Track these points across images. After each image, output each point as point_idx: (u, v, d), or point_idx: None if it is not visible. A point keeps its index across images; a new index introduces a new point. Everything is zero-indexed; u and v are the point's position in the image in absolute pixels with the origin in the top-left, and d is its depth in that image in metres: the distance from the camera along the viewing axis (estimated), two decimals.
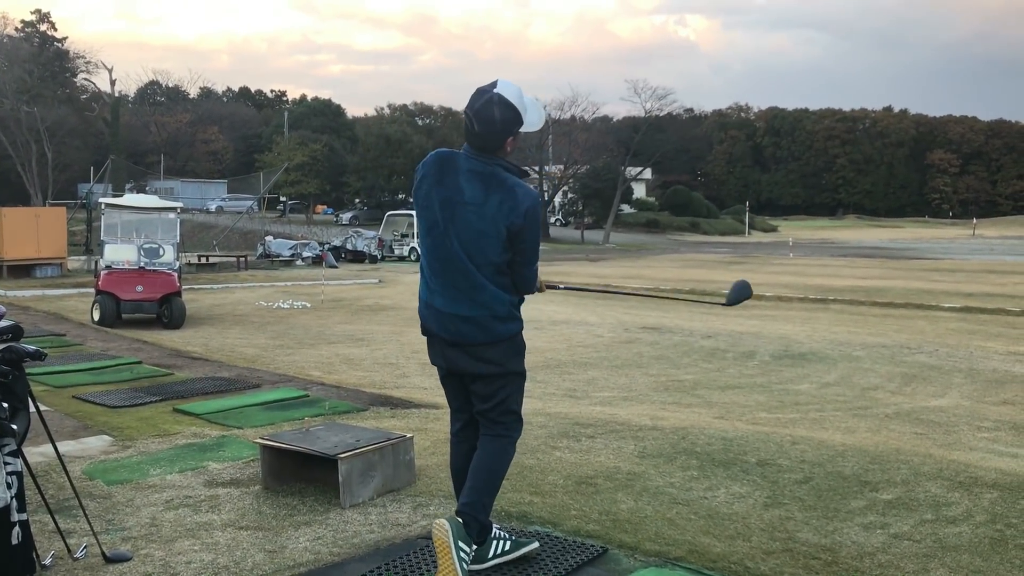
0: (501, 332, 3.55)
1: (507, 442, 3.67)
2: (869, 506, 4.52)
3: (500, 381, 3.60)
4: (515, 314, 3.62)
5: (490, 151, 3.51)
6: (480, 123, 3.45)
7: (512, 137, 3.52)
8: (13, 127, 52.59)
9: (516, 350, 3.64)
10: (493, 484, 3.64)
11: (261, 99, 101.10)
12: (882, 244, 56.44)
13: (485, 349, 3.56)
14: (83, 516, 4.45)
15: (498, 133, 3.46)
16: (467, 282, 3.52)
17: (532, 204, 3.50)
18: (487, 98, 3.45)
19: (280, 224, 48.65)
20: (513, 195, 3.47)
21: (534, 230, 3.54)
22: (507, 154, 3.56)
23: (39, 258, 23.94)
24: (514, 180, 3.52)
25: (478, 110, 3.45)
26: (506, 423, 3.65)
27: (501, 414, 3.63)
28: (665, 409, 7.77)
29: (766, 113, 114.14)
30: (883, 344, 12.72)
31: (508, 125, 3.46)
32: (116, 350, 10.69)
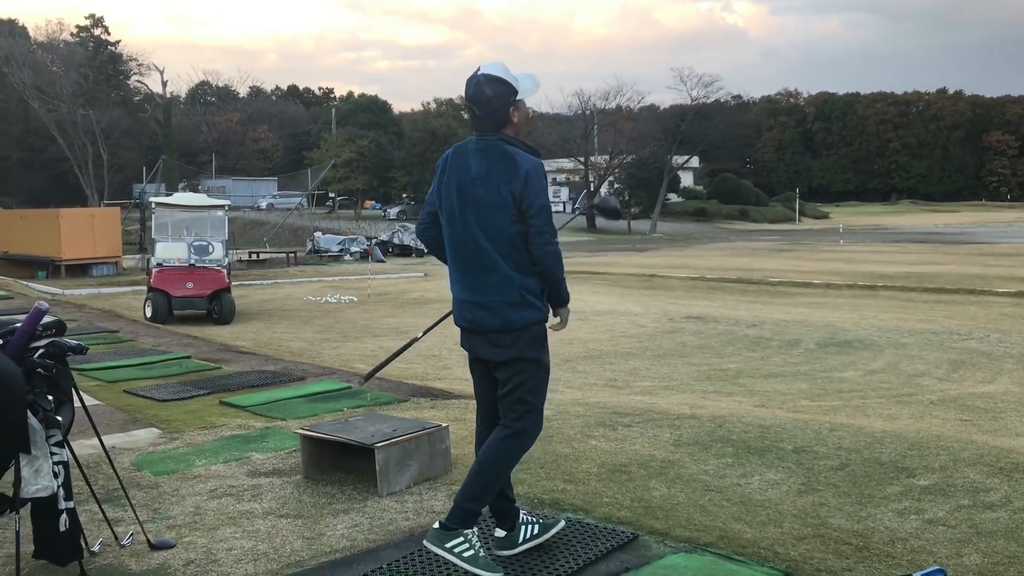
0: (513, 320, 3.55)
1: (511, 437, 3.62)
2: (904, 492, 4.49)
3: (516, 366, 3.61)
4: (529, 300, 3.57)
5: (496, 129, 3.58)
6: (478, 105, 3.56)
7: (512, 107, 3.58)
8: (70, 130, 53.87)
9: (532, 340, 3.60)
10: (484, 477, 3.62)
11: (309, 97, 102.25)
12: (936, 229, 55.29)
13: (500, 336, 3.59)
14: (133, 504, 4.61)
15: (496, 108, 3.54)
16: (479, 263, 3.57)
17: (532, 168, 3.53)
18: (474, 81, 3.57)
19: (329, 220, 49.17)
20: (513, 161, 3.53)
21: (537, 194, 3.53)
22: (516, 127, 3.63)
23: (95, 257, 24.53)
24: (514, 150, 3.57)
25: (472, 96, 3.57)
26: (517, 412, 3.62)
27: (513, 402, 3.63)
28: (705, 398, 7.76)
29: (816, 98, 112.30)
30: (932, 330, 12.51)
31: (502, 98, 3.54)
32: (167, 345, 10.95)
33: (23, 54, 56.96)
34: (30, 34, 67.48)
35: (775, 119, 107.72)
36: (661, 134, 62.04)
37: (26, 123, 59.09)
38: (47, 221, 24.64)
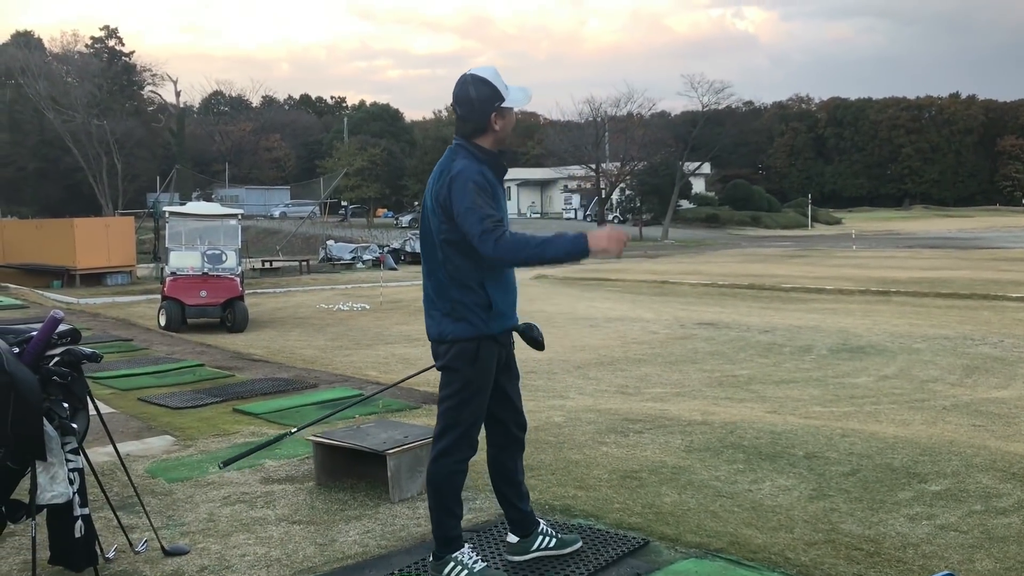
0: (445, 331, 3.47)
1: (433, 462, 3.56)
2: (916, 497, 4.49)
3: (444, 376, 3.54)
4: (462, 313, 3.44)
5: (473, 133, 3.48)
6: (460, 105, 3.48)
7: (495, 113, 3.46)
8: (85, 140, 54.29)
9: (461, 354, 3.45)
10: (431, 502, 3.59)
11: (321, 106, 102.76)
12: (950, 234, 55.02)
13: (436, 345, 3.54)
14: (144, 513, 4.65)
15: (477, 111, 3.44)
16: (426, 268, 3.54)
17: (457, 172, 3.38)
18: (461, 81, 3.49)
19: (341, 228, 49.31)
20: (448, 166, 3.44)
21: (459, 198, 3.33)
22: (497, 136, 3.50)
23: (109, 267, 24.74)
24: (462, 155, 3.45)
25: (456, 95, 3.49)
26: (438, 428, 3.58)
27: (438, 416, 3.60)
28: (717, 404, 7.76)
29: (828, 104, 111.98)
30: (945, 336, 12.46)
31: (485, 102, 3.43)
32: (180, 353, 11.02)
33: (39, 65, 57.46)
34: (45, 46, 68.08)
35: (787, 125, 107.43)
36: (672, 140, 61.99)
37: (41, 134, 59.61)
38: (62, 231, 24.87)
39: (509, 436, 3.75)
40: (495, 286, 3.50)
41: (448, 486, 3.56)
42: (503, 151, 3.56)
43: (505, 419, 3.72)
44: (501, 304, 3.51)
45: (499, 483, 3.80)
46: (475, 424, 3.57)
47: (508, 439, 3.75)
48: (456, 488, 3.58)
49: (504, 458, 3.78)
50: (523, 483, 3.83)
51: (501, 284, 3.54)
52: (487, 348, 3.48)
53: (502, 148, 3.55)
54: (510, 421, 3.74)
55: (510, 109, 3.51)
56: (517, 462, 3.80)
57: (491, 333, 3.48)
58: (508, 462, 3.78)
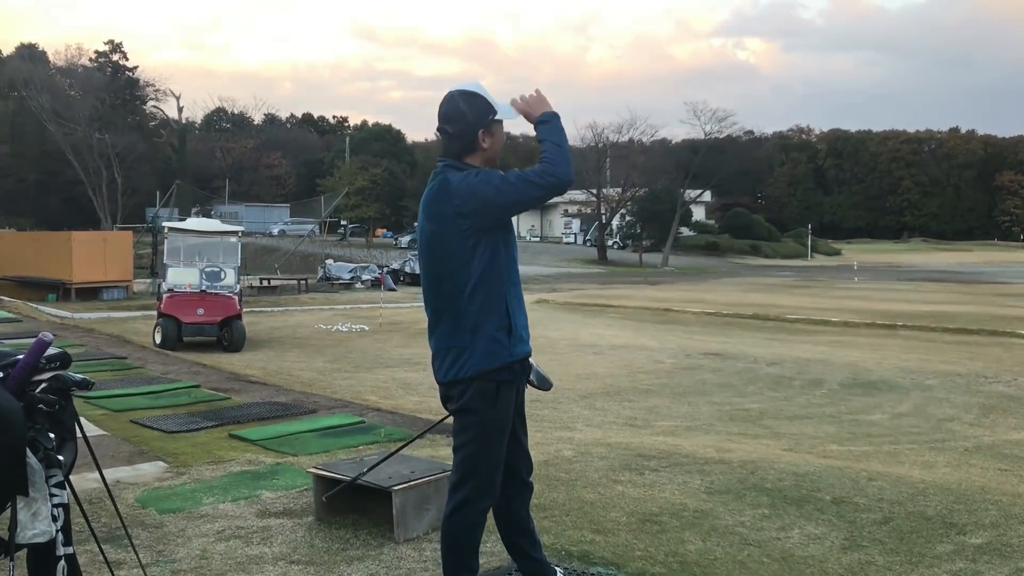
0: (464, 369, 3.21)
1: (454, 504, 3.30)
2: (957, 551, 4.21)
3: (460, 420, 3.29)
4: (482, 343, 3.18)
5: (460, 154, 3.26)
6: (451, 123, 3.25)
7: (483, 130, 3.24)
8: (85, 153, 54.15)
9: (481, 396, 3.19)
10: (444, 557, 3.35)
11: (323, 125, 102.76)
12: (950, 268, 54.91)
13: (450, 387, 3.27)
14: (136, 545, 4.36)
15: (471, 124, 3.22)
16: (436, 304, 3.30)
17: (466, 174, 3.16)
18: (448, 98, 3.28)
19: (340, 247, 49.14)
20: (445, 185, 3.20)
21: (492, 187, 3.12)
22: (486, 155, 3.27)
23: (106, 281, 24.45)
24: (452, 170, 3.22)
25: (445, 113, 3.28)
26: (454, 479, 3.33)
27: (456, 464, 3.33)
28: (731, 440, 7.48)
29: (828, 135, 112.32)
30: (957, 372, 12.21)
31: (479, 115, 3.23)
32: (175, 373, 10.73)
33: (42, 78, 57.44)
34: (50, 58, 68.08)
35: (787, 155, 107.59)
36: (673, 167, 61.99)
37: (43, 146, 59.41)
38: (59, 244, 24.61)
39: (519, 482, 3.47)
40: (516, 307, 3.29)
41: (467, 540, 3.29)
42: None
43: (516, 464, 3.44)
44: (520, 327, 3.29)
45: (510, 534, 3.52)
46: (496, 470, 3.30)
47: (519, 485, 3.47)
48: (475, 541, 3.32)
49: (516, 507, 3.49)
50: (535, 530, 3.56)
51: (519, 305, 3.33)
52: (506, 387, 3.24)
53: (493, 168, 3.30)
54: (521, 466, 3.47)
55: (499, 126, 3.31)
56: (528, 509, 3.54)
57: (514, 360, 3.22)
58: (520, 509, 3.50)
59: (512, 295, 3.26)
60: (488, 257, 3.16)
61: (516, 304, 3.29)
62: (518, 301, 3.31)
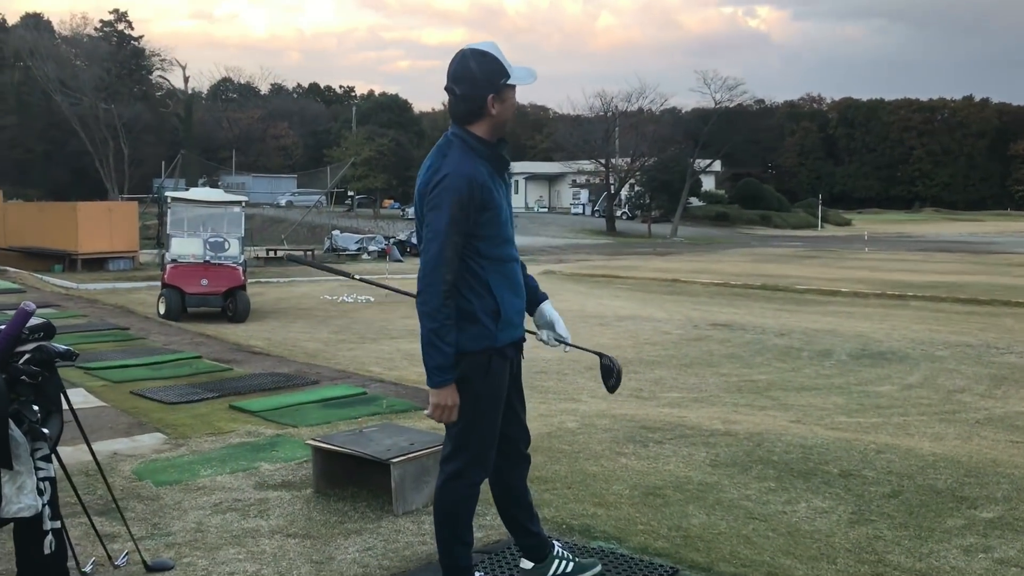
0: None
1: (440, 488, 3.21)
2: (968, 525, 4.11)
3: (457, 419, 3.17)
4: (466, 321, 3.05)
5: (466, 119, 3.08)
6: (459, 83, 3.05)
7: (492, 95, 3.03)
8: (92, 124, 54.07)
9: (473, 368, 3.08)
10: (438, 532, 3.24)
11: (330, 95, 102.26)
12: (961, 238, 54.48)
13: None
14: (131, 517, 4.30)
15: (481, 87, 3.01)
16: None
17: (446, 174, 2.97)
18: (459, 56, 3.08)
19: (347, 218, 48.96)
20: (439, 163, 3.04)
21: (434, 206, 2.97)
22: (495, 121, 3.07)
23: (112, 252, 24.40)
24: (456, 149, 3.05)
25: (454, 72, 3.07)
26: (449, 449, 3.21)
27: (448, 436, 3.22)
28: (737, 412, 7.38)
29: (839, 104, 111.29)
30: (968, 343, 12.06)
31: (491, 75, 3.02)
32: (178, 344, 10.67)
33: (47, 48, 57.27)
34: (55, 28, 67.83)
35: (798, 124, 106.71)
36: (683, 137, 61.45)
37: (49, 116, 59.35)
38: (64, 214, 24.55)
39: (517, 454, 3.38)
40: (503, 288, 3.12)
41: (460, 513, 3.20)
42: (503, 141, 3.15)
43: (513, 436, 3.35)
44: (510, 310, 3.13)
45: (508, 506, 3.43)
46: (489, 444, 3.20)
47: (517, 457, 3.38)
48: (468, 514, 3.22)
49: (512, 479, 3.40)
50: (532, 503, 3.47)
51: (510, 286, 3.15)
52: (499, 360, 3.13)
53: (501, 138, 3.13)
54: (518, 438, 3.37)
55: (511, 92, 3.10)
56: (525, 482, 3.45)
57: (497, 346, 3.09)
58: (517, 482, 3.41)
59: (495, 274, 3.10)
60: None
61: (502, 283, 3.11)
62: (504, 279, 3.13)
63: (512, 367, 3.25)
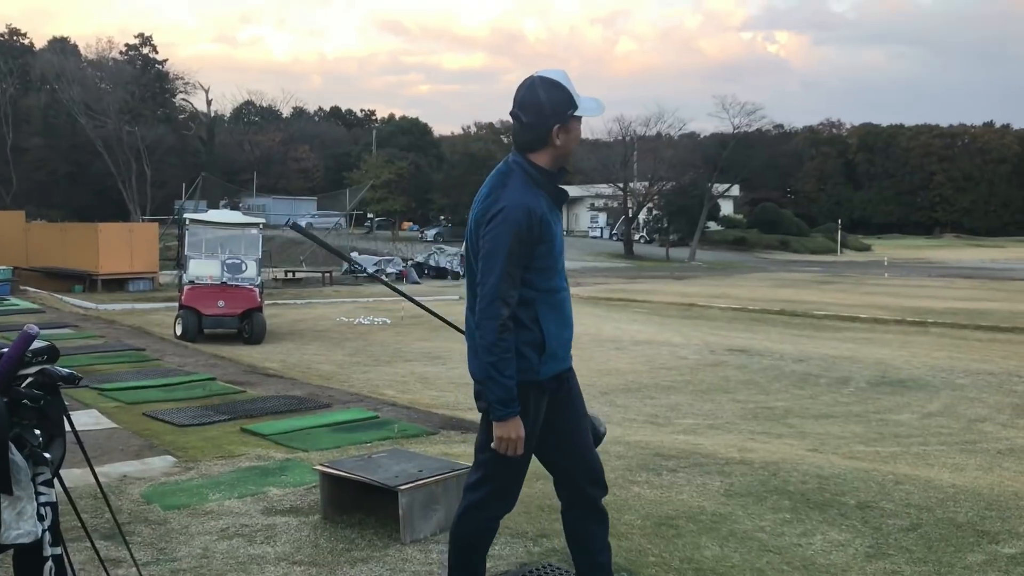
0: (473, 370, 3.08)
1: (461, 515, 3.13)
2: (989, 561, 4.00)
3: (484, 420, 3.09)
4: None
5: (533, 147, 3.02)
6: (525, 111, 2.99)
7: (558, 126, 2.97)
8: (115, 146, 54.61)
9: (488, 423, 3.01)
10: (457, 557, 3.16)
11: (351, 118, 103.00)
12: (983, 264, 54.00)
13: (480, 384, 3.05)
14: (137, 542, 4.27)
15: (548, 116, 2.95)
16: (470, 295, 3.09)
17: (505, 206, 2.89)
18: (528, 84, 3.01)
19: (366, 240, 49.15)
20: (498, 193, 2.96)
21: (491, 237, 2.89)
22: (557, 152, 3.01)
23: (132, 272, 24.59)
24: (516, 179, 2.97)
25: (521, 99, 3.00)
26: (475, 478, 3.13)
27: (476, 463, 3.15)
28: (754, 439, 7.28)
29: (859, 129, 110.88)
30: (989, 371, 11.88)
31: (558, 106, 2.95)
32: (192, 366, 10.67)
33: (73, 71, 57.95)
34: (81, 52, 68.71)
35: (817, 149, 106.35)
36: (701, 161, 61.44)
37: (73, 139, 60.01)
38: (86, 235, 24.78)
39: (579, 495, 3.17)
40: (552, 320, 3.00)
41: (476, 544, 3.13)
42: (563, 171, 3.09)
43: (571, 471, 3.17)
44: (555, 344, 3.01)
45: (572, 546, 3.30)
46: (514, 479, 3.10)
47: (578, 498, 3.18)
48: (484, 546, 3.16)
49: (573, 520, 3.22)
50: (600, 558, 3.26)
51: (558, 318, 3.03)
52: (537, 394, 3.00)
53: (563, 167, 3.08)
54: (579, 475, 3.17)
55: (577, 123, 3.03)
56: (591, 529, 3.20)
57: (539, 380, 2.98)
58: (578, 527, 3.22)
59: (545, 306, 2.99)
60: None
61: (550, 315, 3.00)
62: (553, 310, 3.01)
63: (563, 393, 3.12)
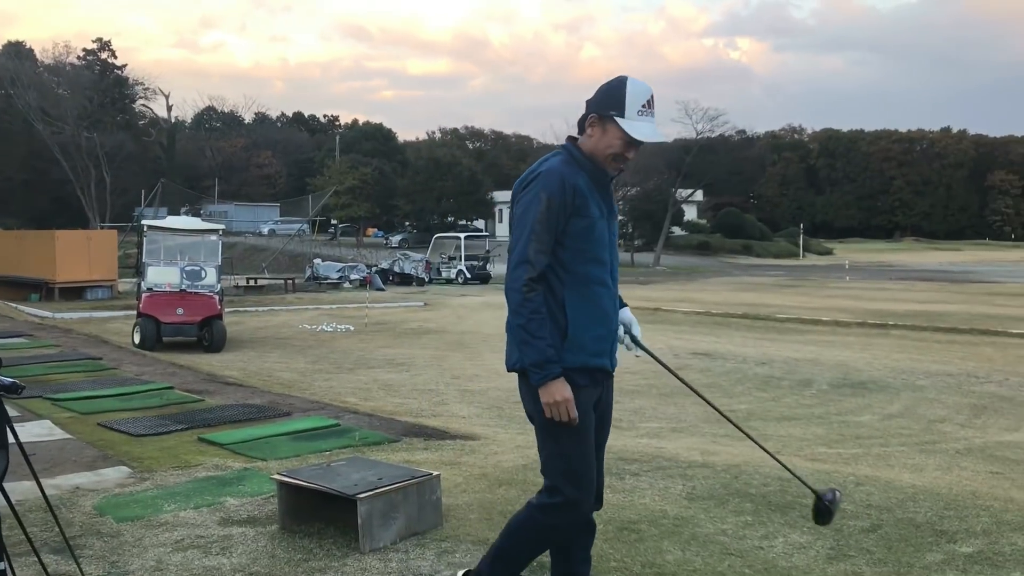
0: (510, 357, 3.01)
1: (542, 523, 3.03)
2: (947, 561, 4.02)
3: (535, 427, 3.05)
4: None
5: (581, 131, 3.06)
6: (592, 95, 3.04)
7: (597, 118, 2.96)
8: (74, 152, 53.81)
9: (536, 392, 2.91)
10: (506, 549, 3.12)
11: (314, 124, 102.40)
12: (941, 267, 54.88)
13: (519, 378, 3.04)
14: (89, 555, 4.16)
15: (593, 104, 2.98)
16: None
17: (545, 171, 2.92)
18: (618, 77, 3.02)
19: (330, 247, 48.88)
20: (542, 163, 3.01)
21: (525, 202, 2.90)
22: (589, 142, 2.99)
23: (90, 280, 24.18)
24: (562, 154, 3.00)
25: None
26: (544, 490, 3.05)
27: (543, 473, 3.08)
28: (717, 443, 7.29)
29: (820, 134, 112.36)
30: (948, 372, 12.05)
31: (605, 99, 2.94)
32: (150, 374, 10.49)
33: (29, 76, 57.01)
34: (37, 56, 67.61)
35: (779, 154, 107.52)
36: (665, 167, 61.80)
37: (30, 145, 59.00)
38: (43, 242, 24.36)
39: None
40: (580, 309, 2.91)
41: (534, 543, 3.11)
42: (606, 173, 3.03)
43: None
44: (582, 335, 2.91)
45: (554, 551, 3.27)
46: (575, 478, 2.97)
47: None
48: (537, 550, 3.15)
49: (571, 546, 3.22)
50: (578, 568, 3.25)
51: (590, 309, 2.93)
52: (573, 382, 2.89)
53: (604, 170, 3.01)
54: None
55: (613, 128, 2.92)
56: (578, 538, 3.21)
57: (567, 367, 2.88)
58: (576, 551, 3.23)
59: (574, 295, 2.92)
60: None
61: (580, 304, 2.92)
62: (585, 301, 2.93)
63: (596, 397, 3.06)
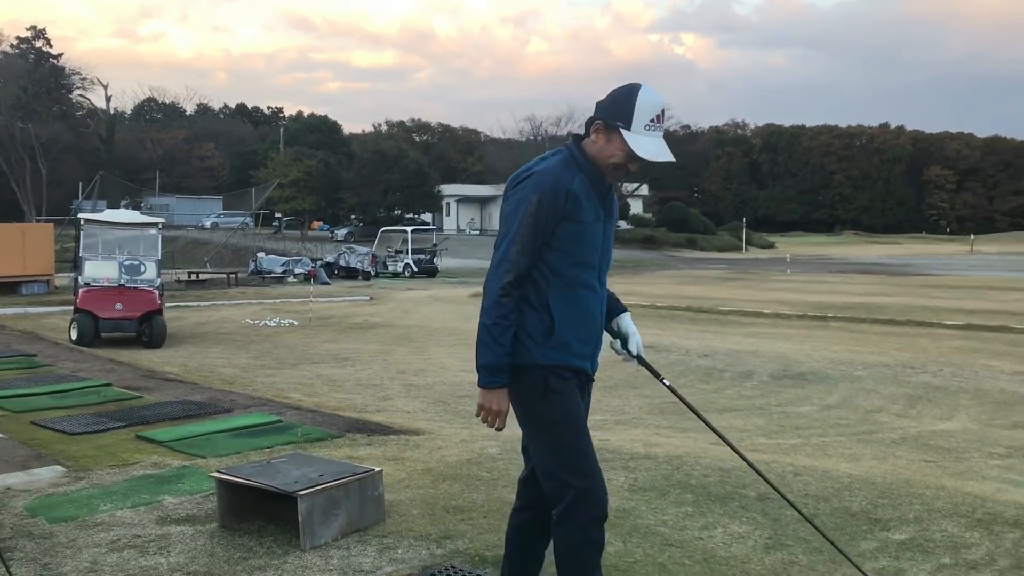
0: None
1: (568, 530, 2.86)
2: (880, 548, 4.12)
3: (525, 428, 2.97)
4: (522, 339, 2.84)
5: (585, 134, 2.96)
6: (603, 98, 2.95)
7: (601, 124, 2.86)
8: (7, 143, 52.42)
9: (529, 389, 2.87)
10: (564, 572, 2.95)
11: (258, 116, 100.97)
12: (880, 260, 56.11)
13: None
14: (20, 558, 4.05)
15: (600, 110, 2.88)
16: None
17: (539, 171, 2.86)
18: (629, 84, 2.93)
19: (275, 240, 48.22)
20: (539, 161, 2.96)
21: (516, 200, 2.84)
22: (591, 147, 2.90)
23: (25, 275, 23.55)
24: (561, 154, 2.94)
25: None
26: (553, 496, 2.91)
27: (543, 480, 2.95)
28: (659, 434, 7.37)
29: (763, 130, 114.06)
30: (885, 363, 12.32)
31: (612, 108, 2.83)
32: (87, 371, 10.27)
33: None
34: None
35: (723, 149, 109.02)
36: None
37: None
38: None
39: (541, 499, 3.01)
40: (565, 311, 2.86)
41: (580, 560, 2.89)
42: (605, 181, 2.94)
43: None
44: (566, 333, 2.86)
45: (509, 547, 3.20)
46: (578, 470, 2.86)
47: (538, 501, 3.03)
48: (590, 564, 2.90)
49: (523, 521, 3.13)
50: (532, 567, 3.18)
51: (575, 313, 2.88)
52: (557, 379, 2.85)
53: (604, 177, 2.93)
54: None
55: (617, 139, 2.83)
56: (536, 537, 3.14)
57: (544, 363, 2.84)
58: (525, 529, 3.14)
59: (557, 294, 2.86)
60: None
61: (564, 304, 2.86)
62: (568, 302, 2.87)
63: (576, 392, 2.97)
